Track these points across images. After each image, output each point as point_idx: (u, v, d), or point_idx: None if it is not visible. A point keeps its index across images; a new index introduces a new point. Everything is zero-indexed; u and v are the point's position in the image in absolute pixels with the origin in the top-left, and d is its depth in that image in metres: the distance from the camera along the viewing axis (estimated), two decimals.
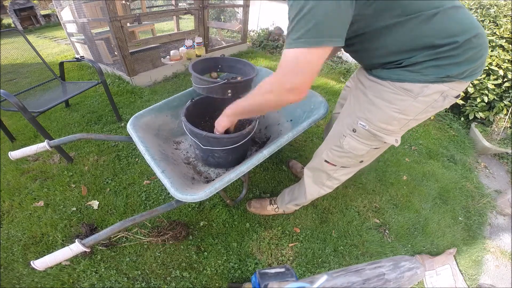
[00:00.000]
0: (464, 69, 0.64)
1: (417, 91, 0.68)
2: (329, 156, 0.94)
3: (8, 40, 1.94)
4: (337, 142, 0.90)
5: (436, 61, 0.64)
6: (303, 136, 2.02)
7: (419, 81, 0.67)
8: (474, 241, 1.44)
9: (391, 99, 0.73)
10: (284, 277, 0.41)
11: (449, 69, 0.64)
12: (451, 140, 2.21)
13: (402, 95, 0.71)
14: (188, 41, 2.98)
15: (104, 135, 1.28)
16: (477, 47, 0.63)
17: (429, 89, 0.67)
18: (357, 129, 0.82)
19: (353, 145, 0.86)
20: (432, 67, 0.65)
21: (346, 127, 0.86)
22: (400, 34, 0.63)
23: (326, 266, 1.22)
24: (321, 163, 0.99)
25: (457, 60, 0.63)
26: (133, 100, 2.38)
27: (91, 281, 1.08)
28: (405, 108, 0.72)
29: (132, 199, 1.42)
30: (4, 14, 7.06)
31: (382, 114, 0.76)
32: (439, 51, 0.62)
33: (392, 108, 0.73)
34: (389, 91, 0.72)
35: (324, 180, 1.04)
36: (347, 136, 0.86)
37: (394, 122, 0.76)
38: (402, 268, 0.42)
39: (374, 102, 0.77)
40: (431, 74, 0.65)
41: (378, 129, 0.78)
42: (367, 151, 0.85)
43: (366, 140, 0.83)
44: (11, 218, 1.31)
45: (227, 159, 1.18)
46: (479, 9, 2.40)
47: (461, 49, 0.62)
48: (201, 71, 1.33)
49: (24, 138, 1.88)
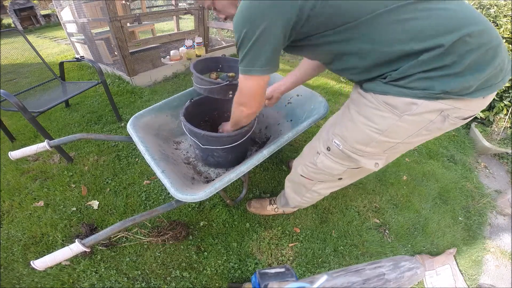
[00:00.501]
0: (469, 81, 0.50)
1: (403, 108, 0.56)
2: (304, 171, 0.91)
3: (8, 40, 1.94)
4: (311, 158, 0.85)
5: (424, 73, 0.52)
6: (303, 136, 2.02)
7: (404, 95, 0.55)
8: (474, 241, 1.44)
9: (370, 115, 0.63)
10: (284, 277, 0.41)
11: (443, 82, 0.51)
12: (451, 140, 2.21)
13: (383, 111, 0.60)
14: (188, 41, 2.98)
15: (104, 135, 1.28)
16: (480, 48, 0.49)
17: (420, 107, 0.55)
18: (331, 147, 0.75)
19: (327, 164, 0.79)
20: (420, 80, 0.53)
21: (321, 143, 0.80)
22: (362, 44, 0.55)
23: (326, 266, 1.22)
24: (298, 176, 0.95)
25: (453, 70, 0.50)
26: (133, 100, 2.38)
27: (91, 281, 1.08)
28: (387, 129, 0.61)
29: (132, 199, 1.42)
30: (4, 14, 7.07)
31: (358, 133, 0.66)
32: (423, 59, 0.51)
33: (369, 126, 0.63)
34: (370, 105, 0.62)
35: (303, 192, 1.00)
36: (321, 154, 0.80)
37: (373, 143, 0.65)
38: (402, 268, 0.42)
39: (352, 118, 0.68)
40: (420, 88, 0.53)
41: (353, 150, 0.69)
42: (343, 170, 0.78)
43: (341, 160, 0.76)
44: (11, 218, 1.31)
45: (227, 158, 1.18)
46: (479, 9, 2.40)
47: (453, 55, 0.49)
48: (202, 71, 1.33)
49: (24, 138, 1.88)
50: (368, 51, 0.56)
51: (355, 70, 0.63)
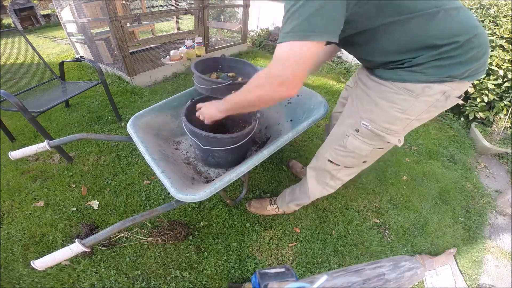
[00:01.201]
0: (466, 68, 0.65)
1: (419, 91, 0.69)
2: (333, 155, 0.94)
3: (8, 40, 1.94)
4: (341, 141, 0.90)
5: (438, 61, 0.64)
6: (303, 136, 2.02)
7: (420, 81, 0.67)
8: (474, 241, 1.44)
9: (394, 99, 0.73)
10: (284, 277, 0.41)
11: (451, 69, 0.64)
12: (451, 140, 2.21)
13: (404, 95, 0.71)
14: (188, 41, 2.98)
15: (104, 135, 1.28)
16: (478, 46, 0.63)
17: (431, 89, 0.67)
18: (360, 129, 0.83)
19: (356, 145, 0.86)
20: (434, 68, 0.65)
21: (349, 127, 0.86)
22: (400, 34, 0.64)
23: (326, 266, 1.22)
24: (325, 162, 0.98)
25: (458, 60, 0.63)
26: (133, 100, 2.38)
27: (91, 281, 1.08)
28: (408, 108, 0.73)
29: (132, 199, 1.42)
30: (4, 14, 7.06)
31: (385, 114, 0.76)
32: (441, 51, 0.62)
33: (394, 108, 0.74)
34: (391, 91, 0.73)
35: (327, 180, 1.04)
36: (350, 136, 0.86)
37: (397, 122, 0.76)
38: (402, 268, 0.42)
39: (377, 103, 0.77)
40: (433, 74, 0.66)
41: (381, 129, 0.79)
42: (370, 151, 0.86)
43: (369, 140, 0.83)
44: (11, 218, 1.31)
45: (227, 159, 1.18)
46: (479, 9, 2.40)
47: (462, 49, 0.62)
48: (202, 71, 1.33)
49: (24, 138, 1.88)
50: (404, 39, 0.64)
51: (381, 50, 0.70)
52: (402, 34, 0.64)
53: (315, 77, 3.07)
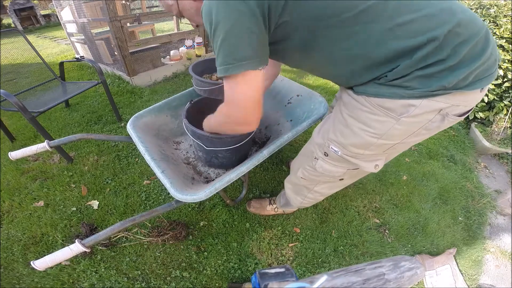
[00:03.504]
0: (465, 73, 0.49)
1: (400, 111, 0.55)
2: (304, 174, 0.89)
3: (8, 40, 1.94)
4: (310, 162, 0.83)
5: (421, 70, 0.50)
6: (303, 136, 2.02)
7: (401, 97, 0.53)
8: (474, 241, 1.44)
9: (366, 120, 0.60)
10: (284, 277, 0.41)
11: (441, 77, 0.50)
12: (451, 140, 2.21)
13: (380, 116, 0.57)
14: (188, 41, 2.98)
15: (104, 135, 1.28)
16: (470, 39, 0.48)
17: (418, 108, 0.53)
18: (329, 153, 0.73)
19: (326, 168, 0.78)
20: (418, 78, 0.51)
21: (317, 148, 0.78)
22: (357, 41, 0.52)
23: (326, 266, 1.22)
24: (298, 179, 0.94)
25: (448, 63, 0.48)
26: (133, 100, 2.38)
27: (91, 281, 1.08)
28: (385, 132, 0.59)
29: (132, 199, 1.42)
30: (4, 14, 7.07)
31: (355, 139, 0.64)
32: (420, 55, 0.49)
33: (367, 132, 0.61)
34: (364, 109, 0.60)
35: (305, 192, 0.99)
36: (319, 159, 0.78)
37: (372, 147, 0.64)
38: (402, 268, 0.42)
39: (347, 123, 0.65)
40: (418, 87, 0.51)
41: (352, 154, 0.68)
42: (343, 172, 0.77)
43: (340, 163, 0.74)
44: (11, 218, 1.31)
45: (231, 159, 1.18)
46: (479, 9, 2.40)
47: (447, 48, 0.48)
48: (202, 72, 1.33)
49: (24, 138, 1.88)
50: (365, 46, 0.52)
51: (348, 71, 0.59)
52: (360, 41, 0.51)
53: (315, 77, 3.07)
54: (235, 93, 0.56)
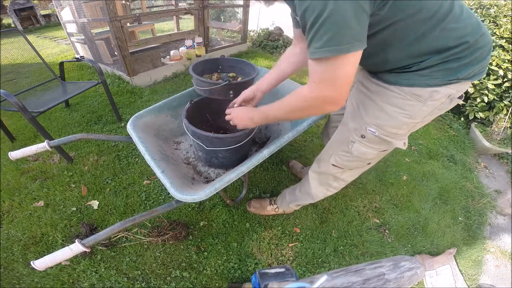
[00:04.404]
0: (472, 69, 0.64)
1: (427, 96, 0.67)
2: (337, 161, 0.93)
3: (8, 40, 1.94)
4: (345, 147, 0.89)
5: (446, 63, 0.62)
6: (303, 136, 2.02)
7: (428, 85, 0.65)
8: (474, 241, 1.44)
9: (401, 104, 0.71)
10: (284, 277, 0.41)
11: (458, 71, 0.63)
12: (451, 140, 2.21)
13: (412, 100, 0.69)
14: (188, 41, 2.98)
15: (104, 135, 1.28)
16: (484, 46, 0.62)
17: (438, 93, 0.66)
18: (366, 135, 0.81)
19: (362, 151, 0.85)
20: (443, 70, 0.63)
21: (353, 133, 0.84)
22: (415, 37, 0.61)
23: (326, 266, 1.22)
24: (328, 167, 0.98)
25: (466, 61, 0.62)
26: (133, 100, 2.38)
27: (91, 281, 1.08)
28: (415, 113, 0.71)
29: (132, 199, 1.42)
30: (4, 14, 7.06)
31: (392, 120, 0.75)
32: (451, 53, 0.61)
33: (402, 113, 0.72)
34: (398, 96, 0.71)
35: (330, 181, 1.03)
36: (356, 142, 0.84)
37: (404, 126, 0.75)
38: (402, 268, 0.42)
39: (383, 108, 0.75)
40: (442, 77, 0.64)
41: (388, 134, 0.78)
42: (375, 154, 0.85)
43: (375, 145, 0.83)
44: (11, 218, 1.31)
45: (231, 159, 1.18)
46: (479, 9, 2.40)
47: (470, 50, 0.61)
48: (202, 73, 1.33)
49: (24, 138, 1.88)
50: (418, 42, 0.61)
51: (393, 55, 0.66)
52: (417, 37, 0.60)
53: None
54: (337, 74, 0.56)
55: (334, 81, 0.58)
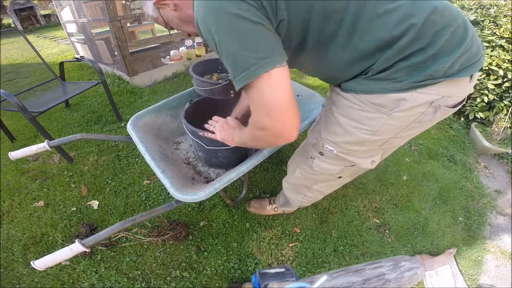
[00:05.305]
0: (448, 61, 0.49)
1: (391, 106, 0.54)
2: (302, 173, 0.88)
3: (8, 40, 1.94)
4: (306, 162, 0.82)
5: (405, 60, 0.50)
6: (303, 136, 2.02)
7: (390, 91, 0.53)
8: (474, 241, 1.44)
9: (359, 118, 0.59)
10: (284, 277, 0.41)
11: (426, 67, 0.49)
12: (451, 140, 2.21)
13: (372, 112, 0.57)
14: (188, 41, 2.98)
15: (104, 135, 1.28)
16: (447, 27, 0.48)
17: (409, 102, 0.52)
18: (324, 152, 0.72)
19: (323, 167, 0.77)
20: (404, 69, 0.50)
21: (312, 148, 0.77)
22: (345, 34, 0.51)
23: (326, 266, 1.22)
24: (295, 178, 0.93)
25: (430, 51, 0.48)
26: (133, 100, 2.39)
27: (91, 281, 1.08)
28: (379, 129, 0.58)
29: (132, 199, 1.42)
30: (4, 14, 7.07)
31: (349, 137, 0.63)
32: (401, 44, 0.48)
33: (361, 129, 0.60)
34: (355, 107, 0.59)
35: (304, 191, 0.98)
36: (315, 158, 0.77)
37: (366, 143, 0.63)
38: (402, 268, 0.42)
39: (339, 122, 0.64)
40: (405, 78, 0.51)
41: (347, 152, 0.67)
42: (341, 169, 0.76)
43: (337, 161, 0.73)
44: (11, 218, 1.31)
45: (231, 159, 1.18)
46: (479, 9, 2.40)
47: (426, 37, 0.48)
48: (202, 73, 1.33)
49: (24, 138, 1.88)
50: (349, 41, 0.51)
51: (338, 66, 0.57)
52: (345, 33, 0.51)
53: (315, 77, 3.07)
54: (266, 100, 0.48)
55: (267, 109, 0.49)
